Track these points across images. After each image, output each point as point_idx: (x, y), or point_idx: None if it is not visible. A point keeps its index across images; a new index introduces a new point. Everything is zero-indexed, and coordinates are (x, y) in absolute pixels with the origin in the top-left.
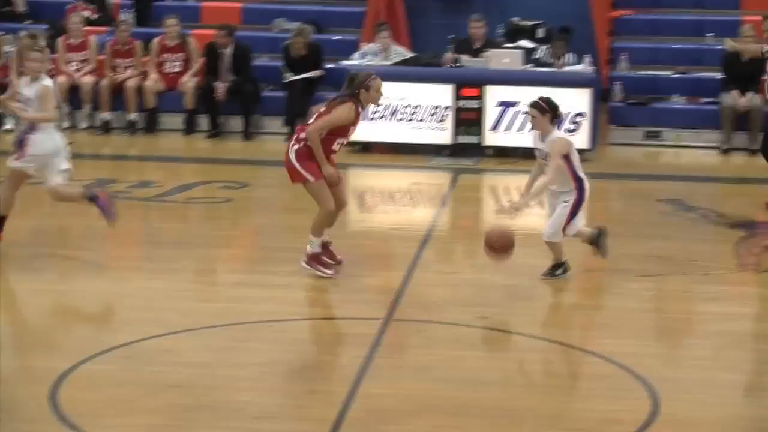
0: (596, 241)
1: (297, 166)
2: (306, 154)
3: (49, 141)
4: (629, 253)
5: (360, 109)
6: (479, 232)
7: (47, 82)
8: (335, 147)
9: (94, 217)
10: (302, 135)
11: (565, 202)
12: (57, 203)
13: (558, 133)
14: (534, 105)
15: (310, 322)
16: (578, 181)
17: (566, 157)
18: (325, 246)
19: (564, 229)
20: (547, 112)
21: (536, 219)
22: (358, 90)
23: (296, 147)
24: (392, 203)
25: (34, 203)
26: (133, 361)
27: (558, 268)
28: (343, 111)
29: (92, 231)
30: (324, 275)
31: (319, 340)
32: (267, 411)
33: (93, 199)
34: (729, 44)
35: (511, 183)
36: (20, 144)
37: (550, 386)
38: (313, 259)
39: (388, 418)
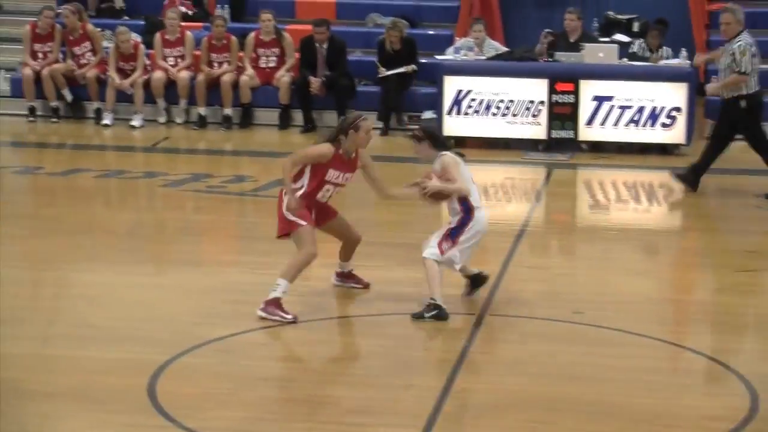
0: (474, 282)
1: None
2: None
3: None
4: (725, 248)
5: (340, 151)
6: (574, 228)
7: None
8: (320, 196)
9: (191, 211)
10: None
11: (449, 223)
12: (154, 197)
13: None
14: (411, 135)
15: (405, 316)
16: (463, 205)
17: None
18: (349, 274)
19: (440, 250)
20: (423, 139)
21: (632, 214)
22: (345, 131)
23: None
24: (486, 198)
25: (131, 197)
26: (229, 355)
27: (431, 309)
28: (320, 148)
29: (188, 225)
30: (286, 320)
31: (414, 335)
32: (361, 405)
33: None
34: None
35: (605, 178)
36: None
37: (646, 382)
38: (272, 305)
39: (483, 413)
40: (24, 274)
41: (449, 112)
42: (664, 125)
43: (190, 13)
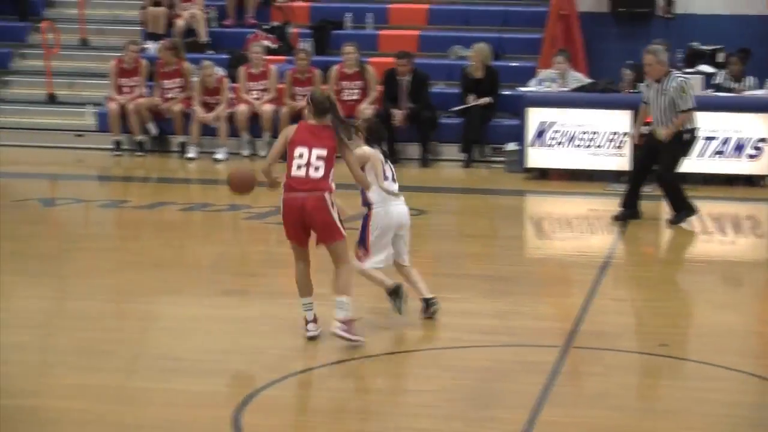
0: (393, 294)
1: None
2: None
3: None
4: None
5: None
6: (659, 259)
7: None
8: None
9: (274, 243)
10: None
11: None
12: (238, 230)
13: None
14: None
15: (489, 348)
16: (364, 200)
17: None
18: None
19: (360, 261)
20: (360, 132)
21: (717, 246)
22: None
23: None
24: (569, 230)
25: (216, 229)
26: (314, 388)
27: (394, 297)
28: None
29: (272, 257)
30: (360, 343)
31: (498, 367)
32: None
33: None
34: None
35: None
36: None
37: (731, 416)
38: (351, 325)
39: None
40: (109, 306)
41: (532, 144)
42: (750, 156)
43: (274, 46)
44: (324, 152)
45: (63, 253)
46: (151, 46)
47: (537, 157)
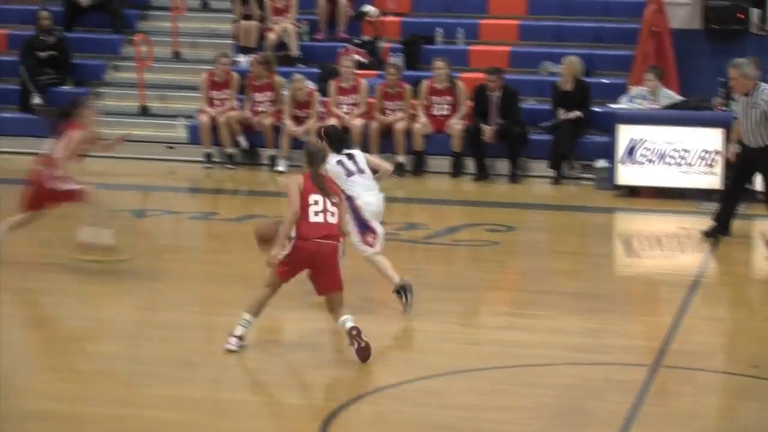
0: (401, 291)
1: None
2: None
3: None
4: None
5: None
6: (750, 279)
7: None
8: None
9: (362, 258)
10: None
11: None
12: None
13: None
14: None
15: (576, 366)
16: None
17: None
18: None
19: (368, 245)
20: (323, 139)
21: None
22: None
23: None
24: (659, 248)
25: None
26: (400, 403)
27: (403, 292)
28: None
29: (360, 272)
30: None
31: (586, 385)
32: None
33: None
34: None
35: None
36: None
37: None
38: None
39: None
40: (199, 318)
41: (623, 161)
42: None
43: (364, 61)
44: (336, 199)
45: (153, 264)
46: (243, 60)
47: (627, 175)
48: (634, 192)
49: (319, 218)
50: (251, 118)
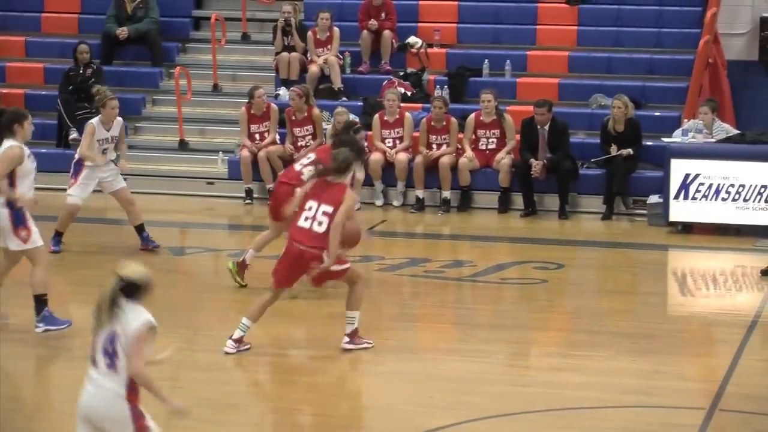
0: None
1: None
2: None
3: None
4: None
5: None
6: None
7: None
8: None
9: (408, 296)
10: None
11: None
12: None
13: None
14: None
15: (631, 409)
16: None
17: None
18: None
19: None
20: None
21: None
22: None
23: None
24: (715, 287)
25: None
26: None
27: None
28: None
29: (405, 311)
30: (369, 345)
31: (640, 429)
32: None
33: None
34: None
35: None
36: None
37: None
38: (355, 336)
39: None
40: (240, 358)
41: (676, 197)
42: None
43: (409, 94)
44: (330, 209)
45: (192, 303)
46: (283, 93)
47: (681, 211)
48: (688, 228)
49: (307, 224)
50: (294, 153)
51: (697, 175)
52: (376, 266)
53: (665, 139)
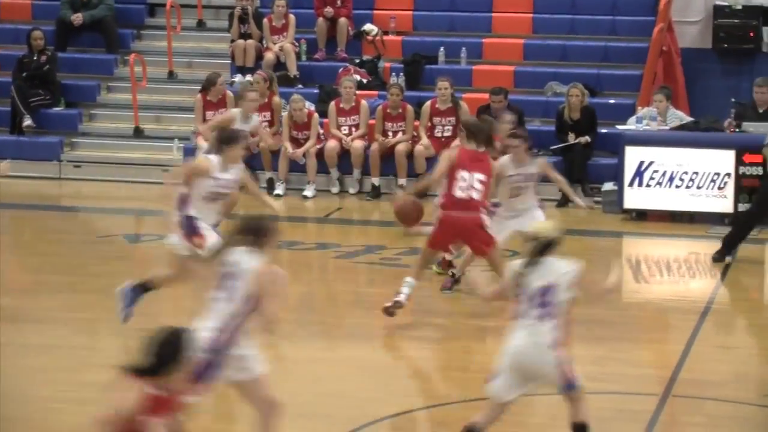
0: None
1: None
2: None
3: None
4: None
5: None
6: (763, 306)
7: None
8: None
9: (364, 283)
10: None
11: None
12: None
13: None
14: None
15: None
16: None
17: None
18: None
19: None
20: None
21: None
22: None
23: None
24: (669, 274)
25: (304, 268)
26: None
27: None
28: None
29: (361, 298)
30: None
31: (595, 415)
32: None
33: None
34: None
35: None
36: None
37: None
38: None
39: None
40: None
41: (630, 184)
42: None
43: (365, 81)
44: (483, 177)
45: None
46: (239, 80)
47: (635, 198)
48: (642, 216)
49: (464, 194)
50: (249, 139)
51: (651, 163)
52: (332, 254)
53: (620, 127)
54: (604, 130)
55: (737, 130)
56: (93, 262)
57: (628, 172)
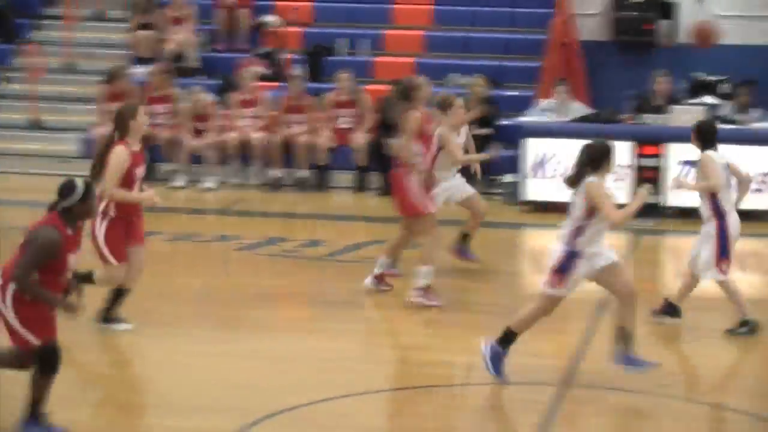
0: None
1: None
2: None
3: None
4: None
5: None
6: (661, 295)
7: None
8: None
9: (265, 275)
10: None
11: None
12: (228, 261)
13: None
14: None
15: (484, 387)
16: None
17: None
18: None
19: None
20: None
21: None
22: None
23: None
24: None
25: (204, 260)
26: (306, 424)
27: (744, 326)
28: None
29: (263, 290)
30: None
31: (493, 406)
32: None
33: None
34: None
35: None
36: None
37: None
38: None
39: None
40: (96, 338)
41: (531, 176)
42: (757, 191)
43: (266, 72)
44: None
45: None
46: (140, 71)
47: (536, 189)
48: (541, 207)
49: None
50: (149, 131)
51: (551, 155)
52: (233, 245)
53: (520, 118)
54: (505, 122)
55: (635, 122)
56: None
57: (528, 163)
